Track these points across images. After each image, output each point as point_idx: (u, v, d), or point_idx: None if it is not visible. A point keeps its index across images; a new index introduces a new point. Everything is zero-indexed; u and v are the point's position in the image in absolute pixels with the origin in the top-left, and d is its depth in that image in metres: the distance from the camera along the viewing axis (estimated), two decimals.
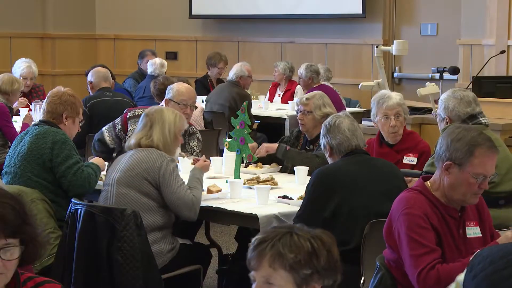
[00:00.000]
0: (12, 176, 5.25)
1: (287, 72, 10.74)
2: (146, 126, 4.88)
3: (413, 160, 5.64)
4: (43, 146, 5.18)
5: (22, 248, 2.52)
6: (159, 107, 5.03)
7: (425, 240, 3.53)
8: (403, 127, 5.75)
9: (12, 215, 2.51)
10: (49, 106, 5.34)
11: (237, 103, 8.89)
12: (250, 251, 2.52)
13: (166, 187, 4.70)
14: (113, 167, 4.87)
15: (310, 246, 2.50)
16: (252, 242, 2.54)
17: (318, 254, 2.50)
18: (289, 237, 2.51)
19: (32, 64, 9.09)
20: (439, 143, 3.68)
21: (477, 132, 3.63)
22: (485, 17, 9.94)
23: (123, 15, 13.50)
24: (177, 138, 4.93)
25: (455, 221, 3.66)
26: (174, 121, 4.91)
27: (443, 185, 3.63)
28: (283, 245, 2.49)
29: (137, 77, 10.53)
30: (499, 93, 7.61)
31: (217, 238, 6.97)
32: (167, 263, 4.75)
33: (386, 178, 4.56)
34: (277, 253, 2.48)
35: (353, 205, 4.41)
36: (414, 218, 3.56)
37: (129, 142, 4.94)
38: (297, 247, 2.49)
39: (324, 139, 4.68)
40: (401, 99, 5.74)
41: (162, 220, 4.73)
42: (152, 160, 4.72)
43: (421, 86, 7.92)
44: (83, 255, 4.49)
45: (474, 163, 3.56)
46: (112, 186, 4.76)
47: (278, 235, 2.52)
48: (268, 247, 2.49)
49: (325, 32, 11.88)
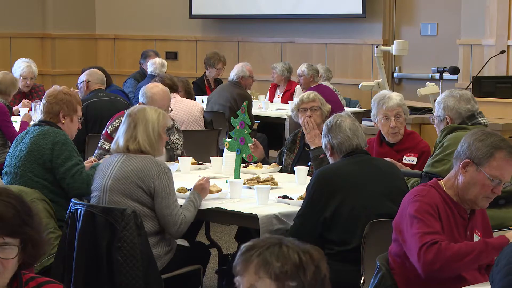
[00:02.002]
0: (13, 176, 5.25)
1: (285, 73, 10.75)
2: (130, 126, 4.78)
3: (413, 160, 5.65)
4: (44, 146, 5.18)
5: (20, 248, 2.52)
6: (141, 106, 4.94)
7: (431, 224, 3.55)
8: (404, 127, 5.76)
9: (11, 215, 2.50)
10: (46, 107, 5.33)
11: (238, 103, 8.88)
12: (237, 257, 2.49)
13: (162, 198, 4.64)
14: (102, 172, 4.76)
15: (298, 258, 2.44)
16: (241, 248, 2.51)
17: (306, 268, 2.44)
18: (278, 248, 2.46)
19: (32, 64, 9.08)
20: (461, 143, 3.71)
21: (500, 137, 3.68)
22: (485, 17, 9.94)
23: (123, 15, 13.50)
24: (161, 137, 4.83)
25: (464, 221, 3.68)
26: (157, 119, 4.83)
27: (457, 183, 3.65)
28: (270, 253, 2.44)
29: (139, 77, 10.51)
30: (499, 93, 7.61)
31: (217, 238, 6.98)
32: (165, 265, 4.74)
33: (387, 178, 4.57)
34: (264, 261, 2.44)
35: (353, 205, 4.42)
36: (423, 204, 3.60)
37: (116, 144, 4.82)
38: (284, 258, 2.44)
39: (325, 138, 4.69)
40: (401, 99, 5.74)
41: (157, 225, 4.69)
42: (148, 169, 4.64)
43: (421, 86, 7.93)
44: (83, 255, 4.49)
45: (493, 165, 3.60)
46: (104, 193, 4.68)
47: (266, 244, 2.47)
48: (255, 254, 2.45)
49: (325, 32, 11.88)
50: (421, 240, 3.51)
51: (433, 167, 5.10)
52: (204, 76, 10.80)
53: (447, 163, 5.00)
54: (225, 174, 5.65)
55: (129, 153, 4.73)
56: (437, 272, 3.50)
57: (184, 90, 8.29)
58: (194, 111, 7.69)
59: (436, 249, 3.47)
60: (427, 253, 3.48)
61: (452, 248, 3.47)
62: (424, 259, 3.48)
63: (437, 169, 5.04)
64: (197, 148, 6.96)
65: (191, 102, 7.90)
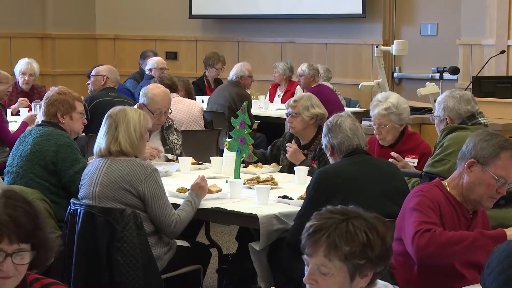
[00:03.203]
0: (14, 176, 5.24)
1: (287, 73, 10.75)
2: (111, 127, 4.69)
3: (414, 162, 5.65)
4: (47, 148, 5.17)
5: (33, 253, 2.52)
6: (121, 107, 4.88)
7: (429, 215, 3.57)
8: (394, 132, 5.68)
9: (25, 219, 2.50)
10: (44, 109, 5.34)
11: (237, 103, 8.89)
12: (305, 237, 2.57)
13: (153, 201, 4.59)
14: (88, 179, 4.67)
15: (365, 237, 2.55)
16: (307, 228, 2.58)
17: (373, 245, 2.55)
18: (345, 227, 2.55)
19: (33, 62, 9.06)
20: (466, 143, 3.73)
21: (504, 138, 3.71)
22: (485, 17, 9.94)
23: (123, 15, 13.50)
24: (143, 137, 4.75)
25: (466, 221, 3.69)
26: (138, 120, 4.74)
27: (462, 183, 3.67)
28: (338, 236, 2.54)
29: (138, 77, 10.50)
30: (499, 93, 7.61)
31: (217, 238, 6.98)
32: (165, 266, 4.73)
33: (386, 178, 4.56)
34: (333, 245, 2.53)
35: (353, 205, 4.41)
36: (424, 199, 3.62)
37: (98, 147, 4.73)
38: (352, 240, 2.54)
39: (326, 138, 4.69)
40: (388, 108, 5.63)
41: (152, 225, 4.67)
42: (134, 172, 4.57)
43: (421, 86, 7.92)
44: (83, 255, 4.48)
45: (498, 165, 3.61)
46: (93, 200, 4.61)
47: (334, 224, 2.56)
48: (324, 237, 2.54)
49: (325, 32, 11.88)
50: (417, 227, 3.55)
51: (433, 167, 5.10)
52: (204, 76, 10.80)
53: (447, 163, 5.01)
54: (225, 174, 5.65)
55: (112, 157, 4.65)
56: (430, 257, 3.53)
57: (185, 90, 8.29)
58: (194, 111, 7.69)
59: (430, 234, 3.51)
60: (421, 238, 3.52)
61: (446, 234, 3.52)
62: (418, 243, 3.52)
63: (437, 169, 5.04)
64: (197, 148, 6.96)
65: (191, 102, 7.89)
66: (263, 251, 4.67)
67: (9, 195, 2.54)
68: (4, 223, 2.46)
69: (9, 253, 2.47)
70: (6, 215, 2.47)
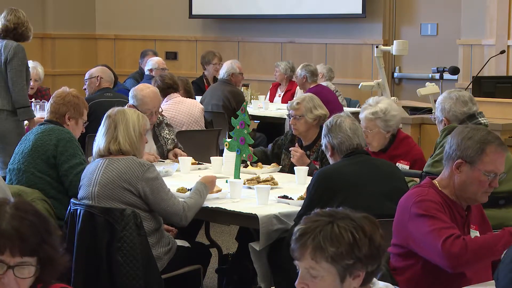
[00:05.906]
0: (16, 172, 5.25)
1: (288, 72, 10.75)
2: (110, 127, 4.70)
3: (406, 168, 5.61)
4: (48, 142, 5.18)
5: (38, 268, 2.45)
6: (120, 108, 4.90)
7: (443, 219, 3.54)
8: (380, 138, 5.63)
9: (30, 233, 2.43)
10: (53, 107, 5.34)
11: (230, 101, 8.92)
12: (293, 241, 2.57)
13: (155, 196, 4.59)
14: (87, 179, 4.68)
15: (351, 237, 2.53)
16: (294, 232, 2.58)
17: (360, 244, 2.54)
18: (330, 229, 2.54)
19: (38, 67, 9.02)
20: (448, 142, 3.70)
21: (486, 131, 3.67)
22: (485, 17, 9.94)
23: (123, 15, 13.50)
24: (142, 137, 4.77)
25: (462, 219, 3.69)
26: (137, 119, 4.76)
27: (454, 184, 3.65)
28: (323, 238, 2.53)
29: (138, 77, 10.51)
30: (499, 93, 7.62)
31: (217, 238, 6.97)
32: (165, 266, 4.73)
33: (387, 178, 4.56)
34: (318, 247, 2.53)
35: (353, 206, 4.35)
36: (429, 203, 3.58)
37: (97, 147, 4.74)
38: (338, 240, 2.53)
39: (326, 138, 4.69)
40: (375, 112, 5.57)
41: (152, 224, 4.66)
42: (132, 170, 4.58)
43: (421, 86, 7.93)
44: (83, 255, 4.48)
45: (486, 161, 3.59)
46: (93, 200, 4.60)
47: (319, 226, 2.55)
48: (309, 240, 2.54)
49: (325, 32, 11.89)
50: (440, 235, 3.48)
51: (433, 167, 5.10)
52: (203, 75, 10.81)
53: None
54: (225, 174, 5.65)
55: (111, 156, 4.66)
56: (467, 264, 3.48)
57: (184, 89, 8.29)
58: (194, 111, 7.68)
59: (461, 244, 3.45)
60: (453, 246, 3.45)
61: (477, 242, 3.47)
62: (450, 253, 3.44)
63: (437, 169, 5.03)
64: (197, 148, 6.96)
65: (192, 102, 7.87)
66: (263, 251, 4.67)
67: (19, 207, 2.47)
68: (8, 235, 2.40)
69: (11, 265, 2.41)
70: (11, 227, 2.41)
